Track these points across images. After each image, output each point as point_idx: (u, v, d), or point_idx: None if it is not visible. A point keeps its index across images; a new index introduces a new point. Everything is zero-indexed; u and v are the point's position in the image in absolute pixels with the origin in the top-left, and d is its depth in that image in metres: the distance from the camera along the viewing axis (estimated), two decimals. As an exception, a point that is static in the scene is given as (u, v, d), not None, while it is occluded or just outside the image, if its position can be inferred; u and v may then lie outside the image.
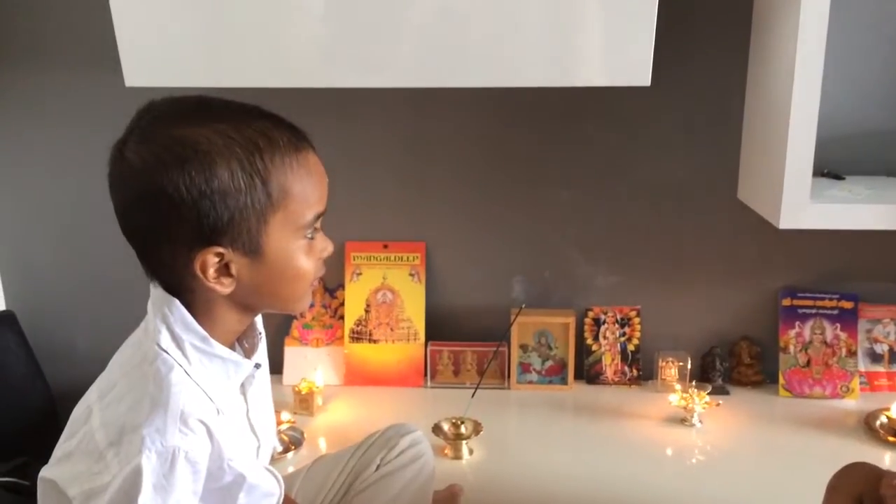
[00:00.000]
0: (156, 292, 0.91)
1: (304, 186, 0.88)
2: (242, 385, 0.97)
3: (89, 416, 0.87)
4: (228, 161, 0.83)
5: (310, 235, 0.91)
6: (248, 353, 0.98)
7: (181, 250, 0.85)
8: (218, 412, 0.90)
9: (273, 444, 1.07)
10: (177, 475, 0.83)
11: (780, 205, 1.42)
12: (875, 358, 1.76)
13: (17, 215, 1.87)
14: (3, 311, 1.86)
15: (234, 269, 0.87)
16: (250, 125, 0.86)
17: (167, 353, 0.87)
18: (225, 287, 0.88)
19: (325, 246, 0.94)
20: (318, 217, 0.92)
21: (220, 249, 0.85)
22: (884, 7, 1.56)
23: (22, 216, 1.87)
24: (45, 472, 0.89)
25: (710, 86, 1.67)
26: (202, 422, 0.86)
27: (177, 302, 0.89)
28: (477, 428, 1.55)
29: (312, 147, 0.92)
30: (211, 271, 0.86)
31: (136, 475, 0.80)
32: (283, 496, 0.99)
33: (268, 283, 0.90)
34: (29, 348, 1.85)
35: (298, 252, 0.90)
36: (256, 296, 0.91)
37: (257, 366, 0.97)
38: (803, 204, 1.42)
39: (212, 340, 0.90)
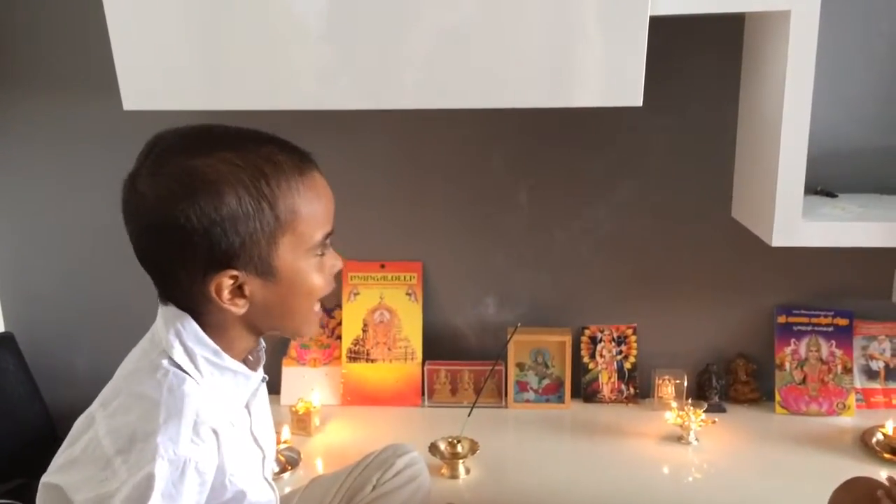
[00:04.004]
0: (168, 310, 0.93)
1: (312, 207, 0.91)
2: (247, 399, 0.99)
3: (92, 424, 0.89)
4: (235, 188, 0.86)
5: (319, 253, 0.94)
6: (252, 367, 1.00)
7: (196, 275, 0.88)
8: (231, 424, 0.93)
9: (274, 455, 1.09)
10: (186, 484, 0.85)
11: (773, 223, 1.44)
12: (871, 375, 1.77)
13: (16, 238, 1.89)
14: (3, 333, 1.87)
15: (247, 290, 0.90)
16: (255, 151, 0.88)
17: (180, 366, 0.90)
18: (239, 308, 0.91)
19: (334, 262, 0.98)
20: (326, 236, 0.95)
21: (234, 272, 0.89)
22: (874, 26, 1.58)
23: (21, 238, 1.89)
24: (49, 478, 0.90)
25: (704, 105, 1.68)
26: (214, 431, 0.88)
27: (189, 317, 0.92)
28: (473, 447, 1.55)
29: (318, 168, 0.95)
30: (225, 293, 0.89)
31: (148, 482, 0.82)
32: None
33: (280, 303, 0.93)
34: (28, 370, 1.85)
35: (309, 270, 0.93)
36: (268, 316, 0.94)
37: (264, 379, 1.01)
38: (796, 222, 1.43)
39: (223, 354, 0.93)
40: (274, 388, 1.81)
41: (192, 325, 0.91)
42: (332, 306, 1.85)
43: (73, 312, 1.93)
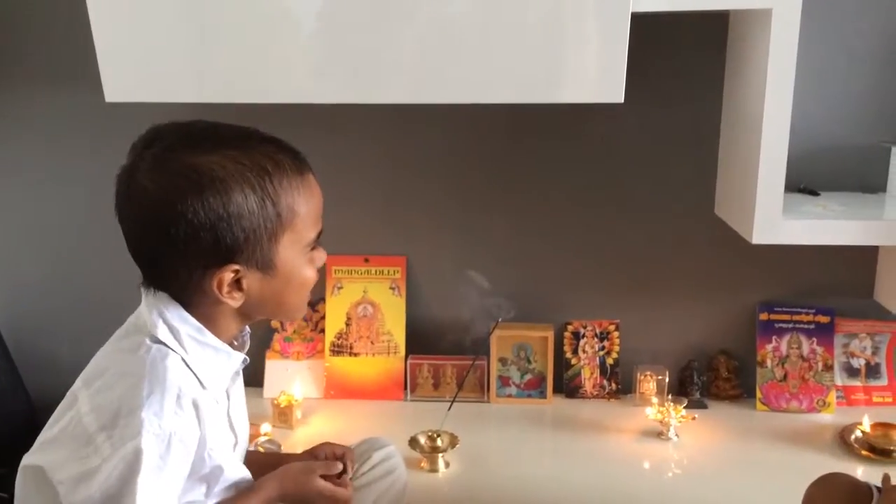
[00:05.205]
0: (152, 294, 0.95)
1: (309, 207, 0.96)
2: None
3: (74, 402, 0.90)
4: (242, 186, 0.89)
5: (311, 248, 0.99)
6: (237, 350, 1.02)
7: (196, 269, 0.91)
8: (216, 402, 0.96)
9: (246, 446, 1.10)
10: (171, 456, 0.87)
11: (753, 220, 1.44)
12: (852, 372, 1.77)
13: (1, 228, 1.88)
14: (-14, 323, 1.87)
15: (245, 284, 0.94)
16: (258, 150, 0.92)
17: (164, 343, 0.92)
18: (236, 301, 0.94)
19: (321, 256, 1.02)
20: (319, 234, 1.00)
21: (236, 267, 0.92)
22: (855, 25, 1.59)
23: (5, 229, 1.88)
24: (29, 459, 0.91)
25: (689, 102, 1.68)
26: (195, 403, 0.90)
27: (172, 299, 0.94)
28: (453, 441, 1.56)
29: (311, 169, 0.99)
30: (226, 287, 0.92)
31: (136, 457, 0.84)
32: None
33: (276, 294, 0.97)
34: (11, 360, 1.85)
35: (303, 264, 0.98)
36: (262, 306, 0.98)
37: (245, 361, 1.02)
38: (776, 219, 1.44)
39: (206, 331, 0.95)
40: (257, 381, 1.83)
41: (176, 306, 0.94)
42: (315, 300, 1.85)
43: (56, 303, 1.93)
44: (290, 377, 1.81)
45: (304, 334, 1.85)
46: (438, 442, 1.55)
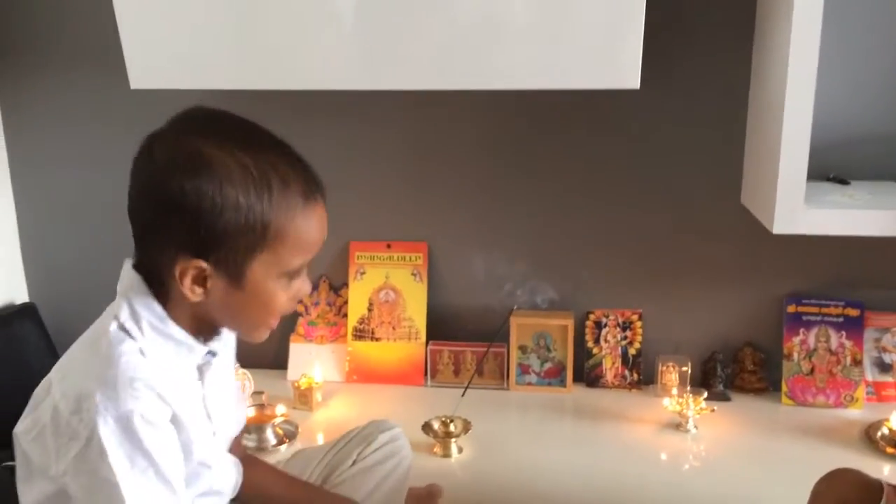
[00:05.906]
0: (127, 268, 0.96)
1: (300, 236, 0.93)
2: (201, 370, 1.01)
3: (49, 389, 0.91)
4: (237, 192, 0.88)
5: (292, 276, 0.96)
6: (205, 341, 1.01)
7: (168, 251, 0.91)
8: (177, 390, 0.94)
9: (232, 434, 1.11)
10: (138, 435, 0.86)
11: (774, 209, 1.41)
12: (883, 368, 1.72)
13: (39, 210, 1.95)
14: (25, 304, 1.94)
15: (209, 284, 0.92)
16: (273, 165, 0.90)
17: (123, 327, 0.92)
18: (194, 296, 0.92)
19: (302, 287, 0.99)
20: (304, 264, 0.96)
21: (204, 265, 0.90)
22: (885, 11, 1.53)
23: (44, 211, 1.95)
24: (24, 445, 0.92)
25: (716, 90, 1.65)
26: (151, 387, 0.89)
27: (143, 283, 0.94)
28: (466, 426, 1.56)
29: (323, 199, 0.96)
30: (187, 280, 0.91)
31: (98, 441, 0.85)
32: (238, 483, 1.03)
33: (235, 308, 0.95)
34: (49, 340, 1.91)
35: (276, 290, 0.95)
36: (219, 314, 0.96)
37: (212, 353, 1.01)
38: (797, 209, 1.40)
39: (168, 321, 0.94)
40: (281, 363, 1.86)
41: (145, 292, 0.93)
42: (338, 285, 1.87)
43: (94, 283, 1.94)
44: (314, 360, 1.83)
45: (327, 318, 1.87)
46: (452, 427, 1.55)
